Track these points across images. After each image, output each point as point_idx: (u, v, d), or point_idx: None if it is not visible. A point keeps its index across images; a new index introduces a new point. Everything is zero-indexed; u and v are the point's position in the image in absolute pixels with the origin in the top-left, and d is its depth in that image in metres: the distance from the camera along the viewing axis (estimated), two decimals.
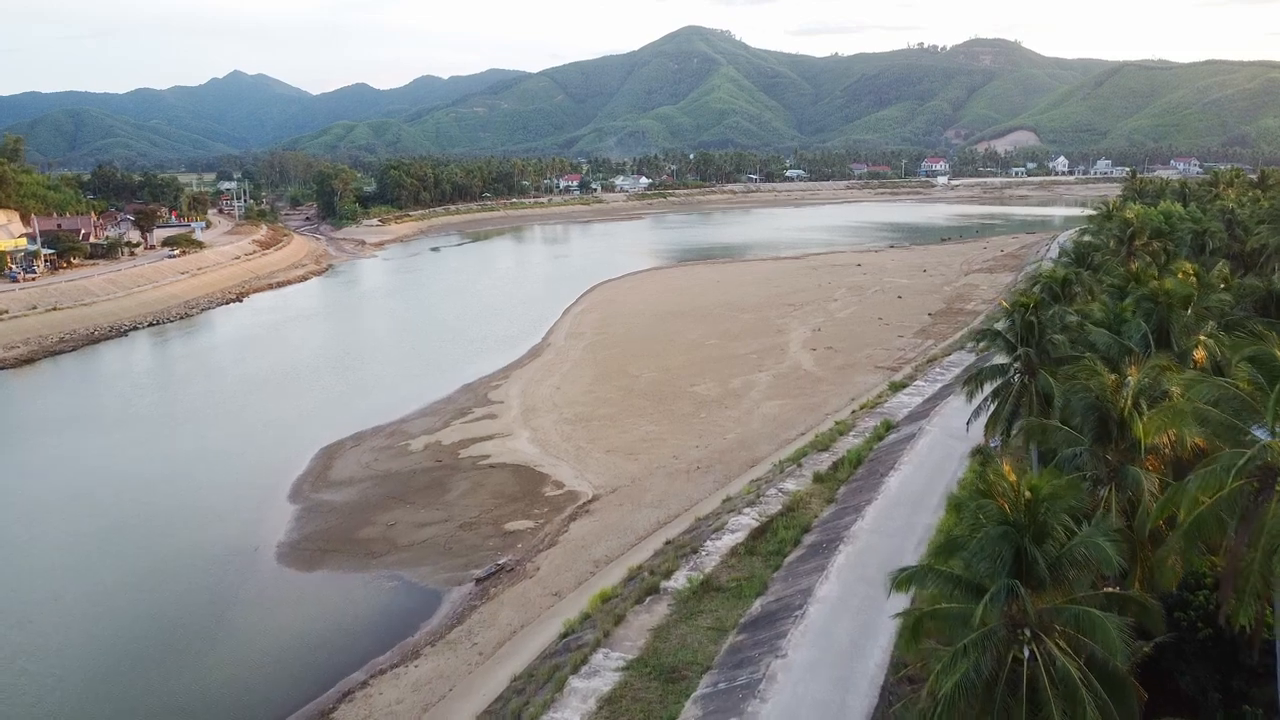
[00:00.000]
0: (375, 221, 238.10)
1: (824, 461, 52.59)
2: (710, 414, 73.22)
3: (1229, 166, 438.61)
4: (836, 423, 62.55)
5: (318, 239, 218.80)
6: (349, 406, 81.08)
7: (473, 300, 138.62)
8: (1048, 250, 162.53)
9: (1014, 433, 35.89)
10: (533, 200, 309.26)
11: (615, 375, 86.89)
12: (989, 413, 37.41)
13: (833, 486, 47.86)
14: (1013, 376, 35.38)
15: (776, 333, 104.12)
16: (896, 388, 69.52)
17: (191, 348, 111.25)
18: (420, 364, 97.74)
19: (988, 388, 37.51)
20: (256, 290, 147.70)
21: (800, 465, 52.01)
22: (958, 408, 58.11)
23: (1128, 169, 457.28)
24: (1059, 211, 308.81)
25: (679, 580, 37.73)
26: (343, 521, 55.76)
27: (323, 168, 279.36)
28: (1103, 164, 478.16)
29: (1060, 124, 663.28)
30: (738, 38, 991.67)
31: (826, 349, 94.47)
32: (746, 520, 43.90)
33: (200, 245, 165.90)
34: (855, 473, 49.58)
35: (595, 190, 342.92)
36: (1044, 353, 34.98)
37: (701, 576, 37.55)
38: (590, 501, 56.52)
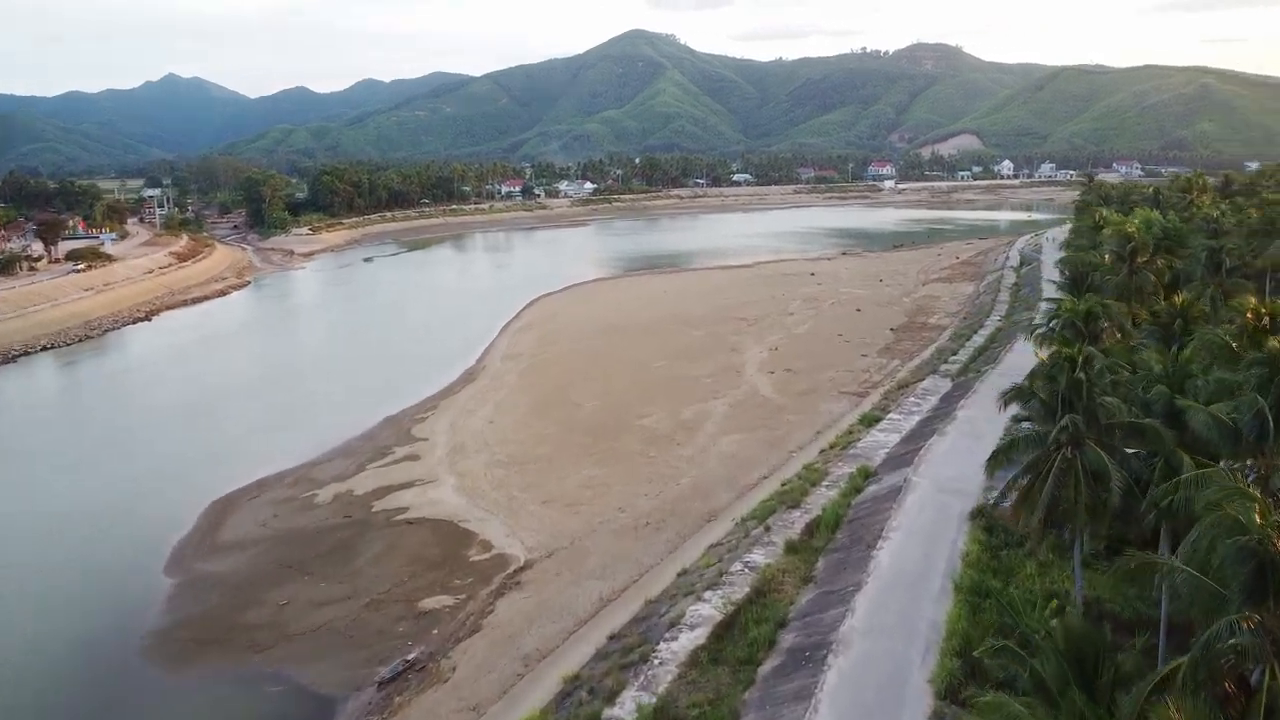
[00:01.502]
0: (305, 230, 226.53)
1: (795, 522, 44.78)
2: (661, 452, 65.17)
3: (1169, 169, 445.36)
4: (806, 467, 54.82)
5: (243, 249, 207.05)
6: (253, 446, 71.63)
7: (405, 316, 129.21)
8: (1005, 258, 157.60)
9: (1049, 523, 28.26)
10: (473, 206, 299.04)
11: (555, 404, 78.48)
12: (1011, 482, 29.77)
13: (809, 559, 40.04)
14: (1053, 449, 27.83)
15: (731, 351, 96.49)
16: (869, 422, 62.08)
17: (85, 375, 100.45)
18: (341, 392, 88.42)
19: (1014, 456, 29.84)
20: (170, 307, 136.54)
21: (768, 529, 44.12)
22: (945, 451, 50.96)
23: (1072, 172, 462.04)
24: (1005, 215, 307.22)
25: (625, 706, 29.59)
26: (226, 601, 46.74)
27: (251, 173, 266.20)
28: (1046, 167, 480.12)
29: (1002, 127, 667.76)
30: (682, 42, 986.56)
31: (786, 371, 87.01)
32: (708, 610, 35.88)
33: (109, 259, 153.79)
34: (834, 539, 41.83)
35: (538, 196, 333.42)
36: (1092, 417, 27.60)
37: (654, 701, 29.45)
38: (522, 569, 48.11)
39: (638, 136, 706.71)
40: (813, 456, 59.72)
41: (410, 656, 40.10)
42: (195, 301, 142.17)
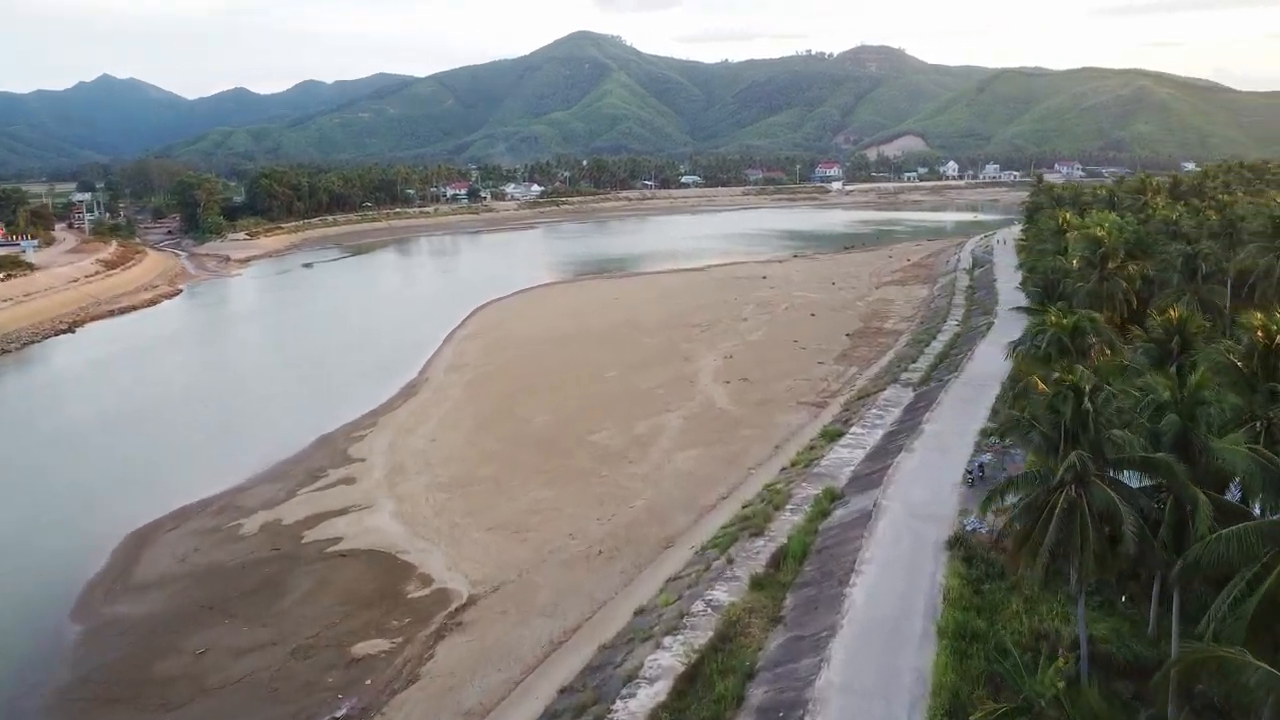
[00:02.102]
0: (242, 235, 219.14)
1: (759, 552, 41.65)
2: (613, 471, 61.75)
3: (1109, 170, 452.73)
4: (768, 488, 51.77)
5: (176, 255, 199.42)
6: (177, 470, 66.82)
7: (345, 325, 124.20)
8: (957, 260, 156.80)
9: (1058, 569, 25.34)
10: (418, 209, 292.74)
11: (501, 419, 74.66)
12: (1008, 525, 26.83)
13: (776, 596, 36.92)
14: (1055, 489, 24.94)
15: (684, 360, 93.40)
16: (831, 437, 59.25)
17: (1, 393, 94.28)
18: (274, 408, 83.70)
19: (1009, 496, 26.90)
20: (95, 318, 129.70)
21: (730, 560, 40.94)
22: (914, 470, 48.24)
23: (1015, 173, 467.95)
24: (951, 216, 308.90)
25: None
26: (139, 650, 42.37)
27: (185, 176, 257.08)
28: (991, 168, 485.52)
29: (946, 129, 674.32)
30: (629, 43, 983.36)
31: (741, 380, 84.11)
32: (668, 660, 32.55)
33: (30, 267, 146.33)
34: (803, 571, 38.77)
35: (485, 198, 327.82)
36: (1098, 452, 24.79)
37: None
38: (465, 606, 44.38)
39: (585, 138, 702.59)
40: (773, 474, 56.82)
41: (340, 714, 36.24)
42: (123, 311, 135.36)
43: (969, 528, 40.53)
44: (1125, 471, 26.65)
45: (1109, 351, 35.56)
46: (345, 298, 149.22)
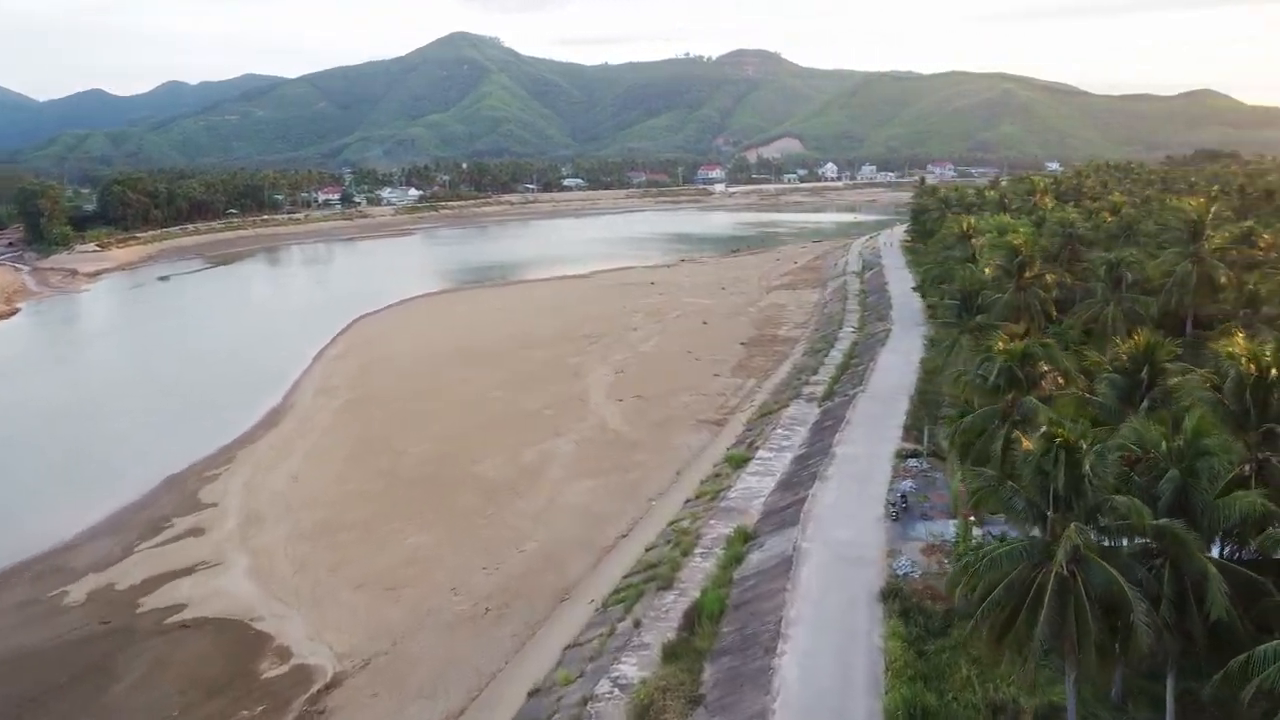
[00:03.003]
0: (92, 247, 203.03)
1: (669, 610, 36.68)
2: (501, 508, 55.95)
3: (979, 170, 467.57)
4: (674, 528, 46.89)
5: (17, 270, 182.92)
6: None
7: (203, 344, 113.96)
8: (845, 262, 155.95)
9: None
10: (287, 216, 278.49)
11: (375, 451, 67.80)
12: (986, 610, 22.21)
13: (693, 667, 31.92)
14: (1041, 563, 20.58)
15: (574, 376, 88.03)
16: (737, 463, 54.81)
17: None
18: (115, 445, 74.43)
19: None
20: None
21: (638, 624, 35.85)
22: (832, 504, 44.15)
23: (891, 174, 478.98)
24: (832, 217, 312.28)
25: None
26: None
27: (26, 184, 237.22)
28: (867, 169, 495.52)
29: (823, 132, 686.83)
30: (507, 45, 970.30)
31: (635, 397, 79.23)
32: None
33: None
34: (721, 634, 33.94)
35: (359, 204, 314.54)
36: (1091, 518, 20.63)
37: None
38: (329, 688, 38.03)
39: (465, 141, 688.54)
40: (676, 506, 52.08)
41: None
42: None
43: (901, 572, 36.50)
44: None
45: (1062, 381, 31.99)
46: (205, 313, 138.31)
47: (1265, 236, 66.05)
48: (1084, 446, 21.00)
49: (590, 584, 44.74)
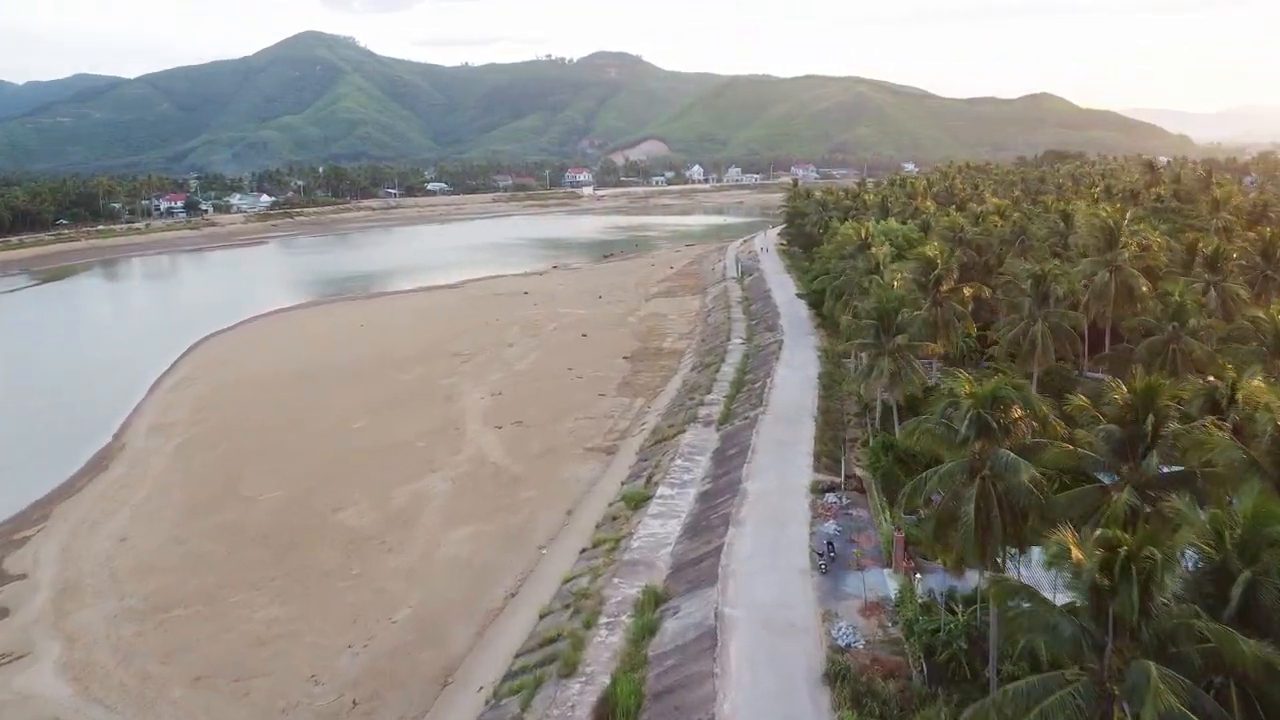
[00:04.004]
0: None
1: (575, 704, 30.80)
2: (368, 566, 48.80)
3: (839, 171, 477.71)
4: (569, 585, 40.94)
5: None
6: None
7: (22, 374, 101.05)
8: (723, 267, 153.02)
9: None
10: (126, 226, 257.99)
11: (219, 501, 59.27)
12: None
13: None
14: (1099, 704, 15.67)
15: (446, 400, 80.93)
16: (636, 503, 49.25)
17: None
18: None
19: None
20: None
21: None
22: (749, 555, 39.28)
23: (756, 176, 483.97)
24: (701, 219, 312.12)
25: None
26: None
27: None
28: (733, 171, 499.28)
29: (686, 134, 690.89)
30: (362, 45, 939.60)
31: (515, 423, 72.82)
32: None
33: None
34: None
35: (206, 211, 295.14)
36: (1163, 648, 15.81)
37: None
38: None
39: (321, 145, 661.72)
40: (571, 557, 46.15)
41: None
42: None
43: (842, 643, 31.67)
44: None
45: (1039, 426, 27.74)
46: (26, 337, 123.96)
47: (1158, 239, 64.96)
48: (1156, 556, 16.27)
49: (477, 662, 38.40)
